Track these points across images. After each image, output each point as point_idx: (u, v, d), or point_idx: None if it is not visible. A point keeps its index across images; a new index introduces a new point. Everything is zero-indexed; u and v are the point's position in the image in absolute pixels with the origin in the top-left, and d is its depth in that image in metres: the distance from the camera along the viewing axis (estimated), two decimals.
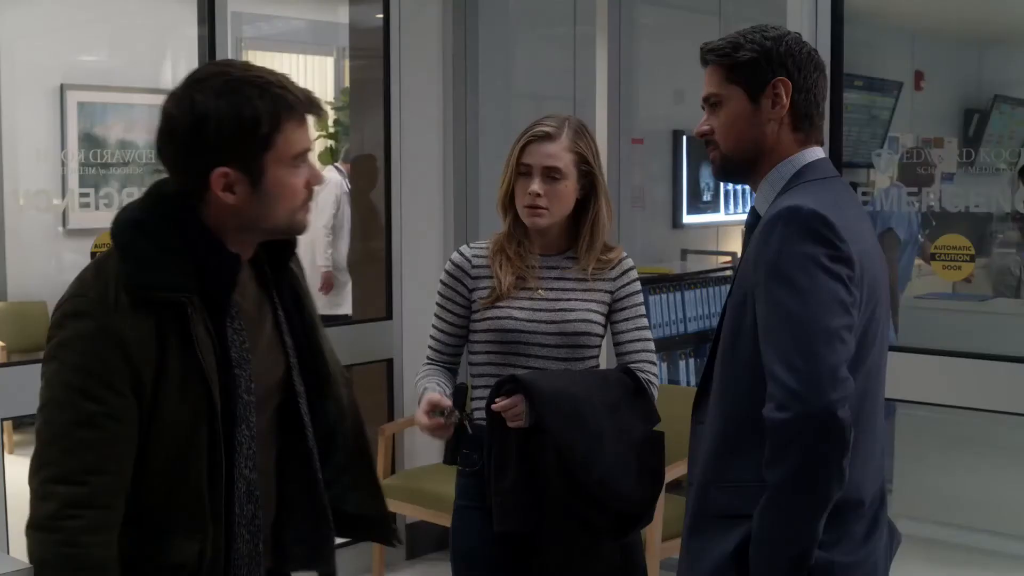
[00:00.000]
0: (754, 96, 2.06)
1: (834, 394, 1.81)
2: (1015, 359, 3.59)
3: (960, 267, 3.73)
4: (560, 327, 2.69)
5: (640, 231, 4.98)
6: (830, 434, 1.81)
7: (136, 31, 7.30)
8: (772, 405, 1.85)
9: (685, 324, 5.59)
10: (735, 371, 2.00)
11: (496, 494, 2.59)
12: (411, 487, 4.58)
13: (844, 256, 1.89)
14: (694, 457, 2.13)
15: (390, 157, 4.95)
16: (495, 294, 2.69)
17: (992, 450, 4.70)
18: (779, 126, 2.06)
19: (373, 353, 4.97)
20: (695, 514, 2.06)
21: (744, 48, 2.06)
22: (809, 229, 1.89)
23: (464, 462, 2.73)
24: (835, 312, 1.86)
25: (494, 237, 2.79)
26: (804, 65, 2.07)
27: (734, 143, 2.09)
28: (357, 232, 5.50)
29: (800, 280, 1.87)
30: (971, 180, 4.21)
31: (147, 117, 7.35)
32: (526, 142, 2.69)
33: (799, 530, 1.86)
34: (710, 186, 6.32)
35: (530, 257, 2.73)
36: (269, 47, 8.91)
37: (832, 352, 1.84)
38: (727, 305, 2.07)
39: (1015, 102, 5.55)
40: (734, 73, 2.07)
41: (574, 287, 2.74)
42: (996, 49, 5.67)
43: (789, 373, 1.83)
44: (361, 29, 5.37)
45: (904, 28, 5.58)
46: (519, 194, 2.70)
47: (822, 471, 1.83)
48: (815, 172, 2.06)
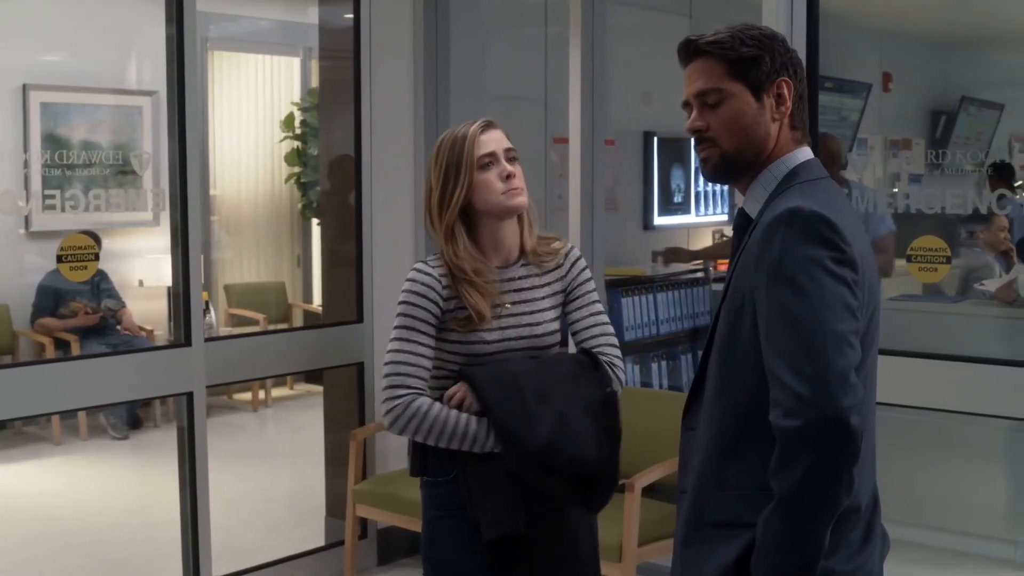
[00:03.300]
0: (757, 93, 2.01)
1: (845, 400, 1.77)
2: (985, 361, 3.59)
3: (936, 269, 3.71)
4: (529, 342, 2.68)
5: (611, 233, 4.95)
6: (842, 442, 1.77)
7: (100, 31, 7.23)
8: (779, 412, 1.80)
9: (657, 326, 5.57)
10: (733, 376, 1.96)
11: (479, 499, 2.55)
12: (383, 492, 4.54)
13: (848, 259, 1.86)
14: (686, 464, 2.08)
15: (361, 158, 4.90)
16: (473, 324, 2.62)
17: (960, 451, 4.71)
18: (780, 126, 2.03)
19: (343, 357, 4.92)
20: (690, 523, 2.02)
21: (746, 43, 2.01)
22: (813, 231, 1.85)
23: (437, 472, 2.66)
24: (842, 316, 1.82)
25: (445, 258, 2.64)
26: (798, 66, 2.05)
27: (738, 141, 2.02)
28: (327, 234, 5.44)
29: (804, 283, 1.82)
30: (938, 181, 4.21)
31: (111, 118, 7.30)
32: (479, 134, 2.65)
33: (806, 540, 1.82)
34: (681, 188, 6.31)
35: (488, 273, 2.66)
36: (234, 47, 8.84)
37: (841, 357, 1.80)
38: (721, 308, 2.02)
39: (982, 104, 5.56)
40: (736, 68, 2.01)
41: (534, 295, 2.71)
42: (963, 51, 5.67)
43: (797, 378, 1.79)
44: (331, 29, 5.31)
45: (872, 29, 5.58)
46: (488, 186, 2.63)
47: (832, 480, 1.79)
48: (808, 173, 2.02)
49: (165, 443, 6.94)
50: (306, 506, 5.57)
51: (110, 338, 7.07)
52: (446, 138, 2.70)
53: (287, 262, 9.36)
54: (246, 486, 6.17)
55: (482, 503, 2.56)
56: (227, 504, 4.67)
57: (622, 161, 6.08)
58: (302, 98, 8.77)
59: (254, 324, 8.25)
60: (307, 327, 6.91)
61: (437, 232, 2.69)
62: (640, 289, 5.59)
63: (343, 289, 5.07)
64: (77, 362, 4.96)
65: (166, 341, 7.30)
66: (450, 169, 2.65)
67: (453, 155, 2.66)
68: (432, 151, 2.73)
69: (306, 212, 8.77)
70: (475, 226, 2.69)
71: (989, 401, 3.60)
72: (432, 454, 2.64)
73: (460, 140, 2.66)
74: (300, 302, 9.15)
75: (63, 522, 5.80)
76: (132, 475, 6.78)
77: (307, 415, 7.93)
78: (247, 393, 8.16)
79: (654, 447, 4.11)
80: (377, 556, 4.95)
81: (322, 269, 5.48)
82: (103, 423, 7.17)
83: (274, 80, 9.21)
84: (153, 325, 7.45)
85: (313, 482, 5.54)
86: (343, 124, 5.00)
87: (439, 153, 2.69)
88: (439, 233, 2.68)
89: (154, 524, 5.59)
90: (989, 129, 5.47)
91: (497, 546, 2.58)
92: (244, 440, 7.42)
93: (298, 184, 8.68)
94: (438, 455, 2.63)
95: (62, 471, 6.70)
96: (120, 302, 7.23)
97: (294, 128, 8.61)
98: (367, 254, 4.93)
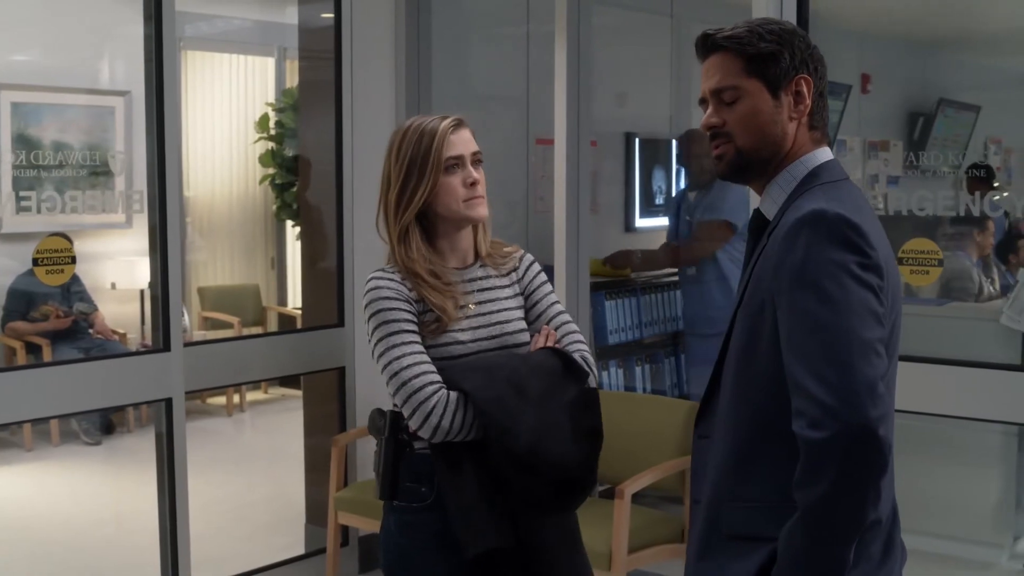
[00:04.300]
0: (775, 91, 1.95)
1: (874, 411, 1.71)
2: (969, 364, 3.56)
3: (928, 271, 3.68)
4: (501, 341, 2.58)
5: (593, 235, 4.90)
6: (870, 454, 1.72)
7: (72, 30, 7.11)
8: (804, 422, 1.74)
9: (640, 330, 5.52)
10: (750, 383, 1.89)
11: (459, 515, 2.42)
12: (365, 500, 4.46)
13: (874, 264, 1.80)
14: (699, 473, 2.01)
15: (341, 160, 4.82)
16: (443, 325, 2.49)
17: (947, 455, 4.69)
18: (798, 125, 1.97)
19: (324, 361, 4.84)
20: (705, 535, 1.95)
21: (765, 39, 1.94)
22: (838, 234, 1.78)
23: (409, 498, 2.51)
24: (869, 323, 1.76)
25: (398, 261, 2.52)
26: (819, 63, 1.99)
27: (754, 139, 1.96)
28: (307, 237, 5.36)
29: (830, 288, 1.76)
30: (916, 183, 4.18)
31: (83, 118, 7.18)
32: (448, 132, 2.51)
33: (830, 555, 1.76)
34: (662, 189, 6.26)
35: (447, 274, 2.54)
36: (208, 47, 8.74)
37: (869, 365, 1.73)
38: (738, 314, 1.95)
39: (959, 106, 5.55)
40: (753, 64, 1.94)
41: (497, 295, 2.62)
42: (941, 53, 5.67)
43: (822, 387, 1.72)
44: (311, 29, 5.23)
45: (850, 31, 5.56)
46: (450, 191, 2.50)
47: (859, 493, 1.73)
48: (829, 174, 1.96)
49: (139, 449, 6.85)
50: (285, 513, 5.49)
51: (82, 342, 6.96)
52: (411, 129, 2.53)
53: (261, 264, 9.26)
54: (222, 492, 6.07)
55: (462, 515, 2.43)
56: (203, 511, 4.59)
57: (604, 162, 6.03)
58: (277, 99, 8.67)
59: (228, 327, 8.15)
60: (288, 331, 6.81)
61: (389, 231, 2.54)
62: (624, 292, 5.54)
63: (323, 293, 5.00)
64: (52, 368, 4.85)
65: (139, 345, 7.22)
66: (413, 165, 2.50)
67: (419, 150, 2.50)
68: (392, 138, 2.55)
69: (281, 214, 8.66)
70: (431, 228, 2.56)
71: (974, 404, 3.58)
72: (405, 476, 2.51)
73: (428, 135, 2.50)
74: (275, 305, 9.05)
75: (35, 530, 5.68)
76: (106, 482, 6.67)
77: (283, 419, 7.84)
78: (221, 397, 8.05)
79: (641, 453, 4.07)
80: (359, 563, 4.88)
81: (302, 272, 5.40)
82: (75, 428, 7.06)
83: (248, 81, 9.11)
84: (126, 328, 7.34)
85: (291, 488, 5.46)
86: (323, 125, 4.92)
87: (402, 144, 2.53)
88: (391, 232, 2.53)
89: (129, 532, 5.50)
90: (966, 131, 5.46)
91: (478, 569, 2.45)
92: (219, 445, 7.31)
93: (273, 185, 8.57)
94: (411, 476, 2.51)
95: (33, 478, 6.57)
96: (92, 305, 7.11)
97: (268, 129, 8.50)
98: (348, 257, 4.85)
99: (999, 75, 5.33)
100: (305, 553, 4.89)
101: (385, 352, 2.45)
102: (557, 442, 2.44)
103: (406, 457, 2.52)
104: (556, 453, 2.43)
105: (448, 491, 2.45)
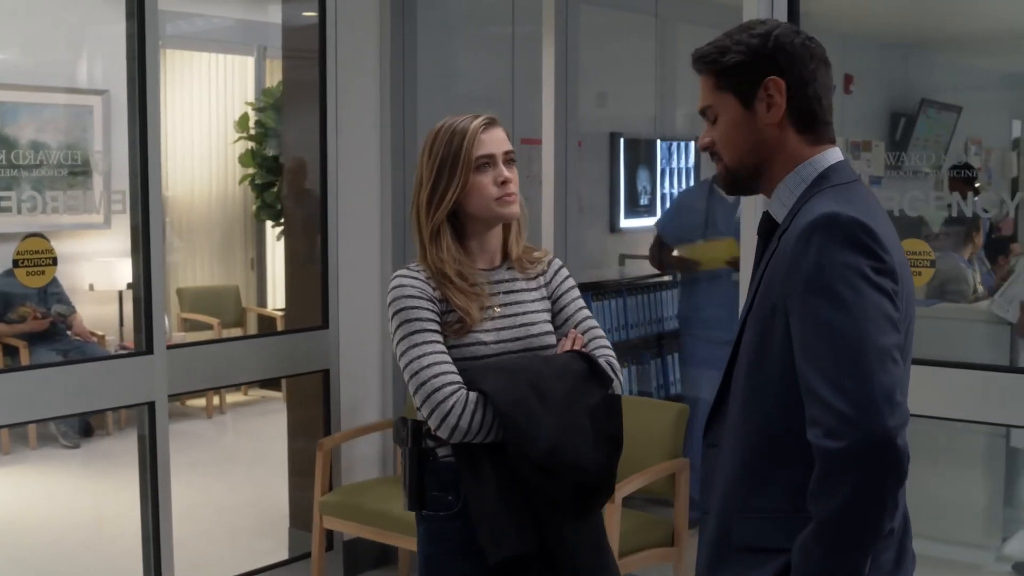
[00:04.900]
0: (746, 101, 1.91)
1: (892, 420, 1.67)
2: (959, 365, 3.55)
3: (920, 272, 3.67)
4: (526, 343, 2.56)
5: (579, 236, 4.87)
6: (889, 464, 1.68)
7: (50, 29, 7.02)
8: (819, 431, 1.70)
9: (627, 331, 5.49)
10: (762, 391, 1.85)
11: (481, 521, 2.41)
12: (350, 503, 4.42)
13: (888, 268, 1.75)
14: (709, 484, 1.97)
15: (326, 161, 4.77)
16: (466, 326, 2.48)
17: (935, 457, 4.68)
18: (780, 129, 1.91)
19: (308, 364, 4.78)
20: (716, 546, 1.91)
21: (731, 51, 1.91)
22: (851, 238, 1.74)
23: (436, 506, 2.51)
24: (885, 329, 1.72)
25: (428, 261, 2.52)
26: (798, 58, 1.90)
27: (735, 154, 1.94)
28: (291, 238, 5.30)
29: (844, 293, 1.71)
30: (897, 183, 4.17)
31: (61, 117, 7.09)
32: (480, 131, 2.51)
33: (847, 566, 1.71)
34: (647, 189, 6.23)
35: (474, 276, 2.54)
36: (188, 46, 8.65)
37: (886, 373, 1.69)
38: (747, 319, 1.91)
39: (941, 106, 5.55)
40: (723, 79, 1.92)
41: (523, 298, 2.60)
42: (923, 53, 5.66)
43: (838, 396, 1.68)
44: (295, 28, 5.17)
45: (833, 31, 5.55)
46: (481, 189, 2.50)
47: (876, 504, 1.69)
48: (840, 176, 1.91)
49: (118, 452, 6.77)
50: (268, 517, 5.43)
51: (60, 343, 6.87)
52: (443, 129, 2.54)
53: (241, 265, 9.19)
54: (204, 496, 6.01)
55: (485, 522, 2.41)
56: (185, 515, 4.53)
57: (589, 163, 5.99)
58: (257, 98, 8.60)
59: (208, 329, 8.08)
60: (272, 333, 6.75)
61: (421, 230, 2.54)
62: (610, 293, 5.50)
63: (307, 294, 4.94)
64: (33, 371, 4.76)
65: (117, 346, 7.13)
66: (444, 165, 2.51)
67: (449, 150, 2.51)
68: (426, 139, 2.56)
69: (261, 214, 8.58)
70: (462, 227, 2.56)
71: (965, 406, 3.56)
72: (431, 485, 2.50)
73: (459, 135, 2.51)
74: (255, 306, 8.98)
75: (13, 535, 5.60)
76: (85, 485, 6.59)
77: (264, 422, 7.78)
78: (201, 399, 7.97)
79: (631, 455, 4.01)
80: (344, 568, 4.83)
81: (285, 274, 5.34)
82: (53, 431, 6.97)
83: (227, 80, 9.03)
84: (104, 330, 7.25)
85: (274, 492, 5.40)
86: (307, 125, 4.87)
87: (434, 144, 2.54)
88: (424, 232, 2.53)
89: (110, 537, 5.43)
90: (947, 131, 5.46)
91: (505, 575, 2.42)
92: (199, 448, 7.24)
93: (253, 186, 8.49)
94: (437, 485, 2.50)
95: (10, 481, 6.48)
96: (70, 307, 7.02)
97: (248, 129, 8.42)
98: (333, 259, 4.80)
99: (979, 76, 5.35)
100: (289, 558, 4.83)
101: (407, 351, 2.45)
102: (577, 445, 2.43)
103: (430, 466, 2.51)
104: (575, 456, 2.42)
105: (470, 496, 2.44)
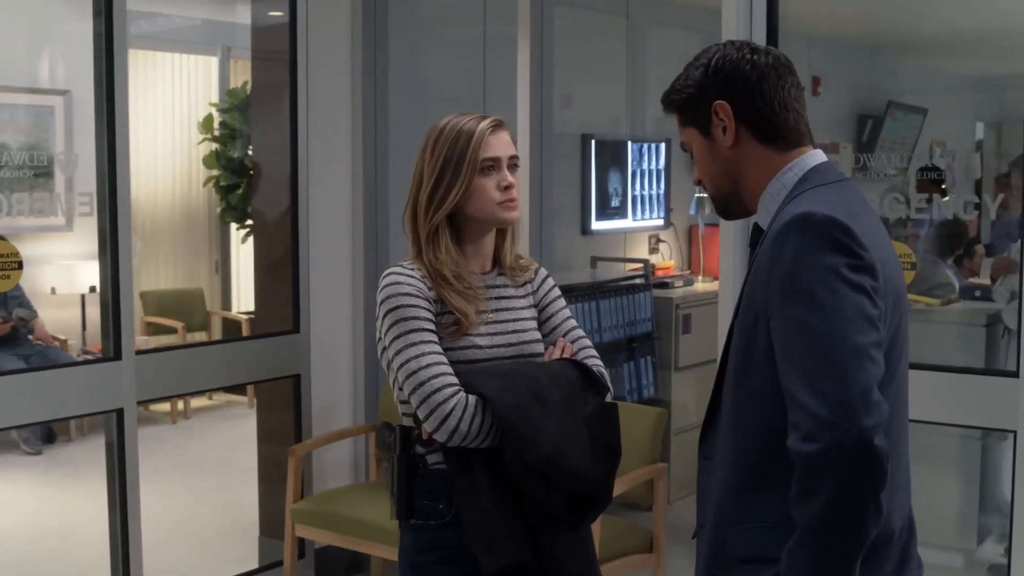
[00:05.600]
0: (705, 130, 1.94)
1: (868, 420, 1.63)
2: (936, 368, 3.52)
3: None
4: (518, 349, 2.51)
5: (550, 238, 4.84)
6: (866, 466, 1.64)
7: (10, 28, 6.91)
8: (798, 435, 1.66)
9: (600, 334, 5.45)
10: (749, 400, 1.82)
11: (473, 528, 2.34)
12: (323, 511, 4.35)
13: (866, 265, 1.72)
14: (704, 496, 1.93)
15: (296, 163, 4.70)
16: (462, 329, 2.43)
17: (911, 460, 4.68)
18: (742, 148, 1.90)
19: (280, 368, 4.71)
20: (711, 558, 1.87)
21: (683, 88, 1.96)
22: (826, 237, 1.71)
23: (426, 515, 2.44)
24: (862, 328, 1.68)
25: (424, 261, 2.47)
26: (739, 75, 1.90)
27: (712, 182, 1.98)
28: (260, 241, 5.22)
29: (820, 294, 1.68)
30: (865, 186, 4.17)
31: (23, 118, 6.98)
32: (487, 133, 2.46)
33: (834, 572, 1.68)
34: (618, 191, 6.20)
35: (470, 279, 2.49)
36: (151, 46, 8.52)
37: (862, 372, 1.65)
38: (734, 328, 1.88)
39: (907, 108, 5.57)
40: (683, 115, 1.97)
41: (513, 304, 2.56)
42: (890, 55, 5.67)
43: (815, 398, 1.65)
44: (264, 29, 5.09)
45: (800, 33, 5.55)
46: (484, 192, 2.46)
47: (858, 507, 1.65)
48: (823, 176, 1.88)
49: (82, 458, 6.66)
50: (237, 524, 5.34)
51: (22, 348, 6.75)
52: (448, 127, 2.48)
53: (205, 268, 9.08)
54: (170, 503, 5.91)
55: (477, 529, 2.35)
56: (152, 522, 4.43)
57: (561, 165, 5.95)
58: (221, 99, 8.50)
59: (172, 333, 7.97)
60: (242, 338, 6.66)
61: (419, 230, 2.48)
62: (582, 296, 5.46)
63: (277, 298, 4.87)
64: None
65: (79, 351, 7.02)
66: (448, 164, 2.45)
67: (455, 150, 2.45)
68: (428, 136, 2.50)
69: (226, 216, 8.48)
70: (458, 229, 2.51)
71: (939, 409, 3.53)
72: (421, 493, 2.44)
73: (466, 135, 2.46)
74: (219, 310, 8.87)
75: None
76: (49, 493, 6.47)
77: (230, 427, 7.69)
78: (166, 404, 7.86)
79: None
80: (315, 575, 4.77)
81: (255, 278, 5.26)
82: (15, 438, 6.85)
83: (191, 81, 8.92)
84: (67, 334, 7.14)
85: (242, 499, 5.32)
86: (277, 127, 4.80)
87: (437, 142, 2.48)
88: (421, 231, 2.48)
89: (76, 545, 5.33)
90: (913, 134, 5.47)
91: None
92: (164, 454, 7.12)
93: (217, 188, 8.39)
94: (427, 494, 2.44)
95: None
96: (32, 311, 6.90)
97: (213, 130, 8.32)
98: (304, 262, 4.73)
99: (944, 79, 5.36)
100: (260, 567, 4.75)
101: (402, 351, 2.38)
102: (576, 454, 2.38)
103: (420, 473, 2.44)
104: (574, 465, 2.38)
105: (463, 504, 2.38)
